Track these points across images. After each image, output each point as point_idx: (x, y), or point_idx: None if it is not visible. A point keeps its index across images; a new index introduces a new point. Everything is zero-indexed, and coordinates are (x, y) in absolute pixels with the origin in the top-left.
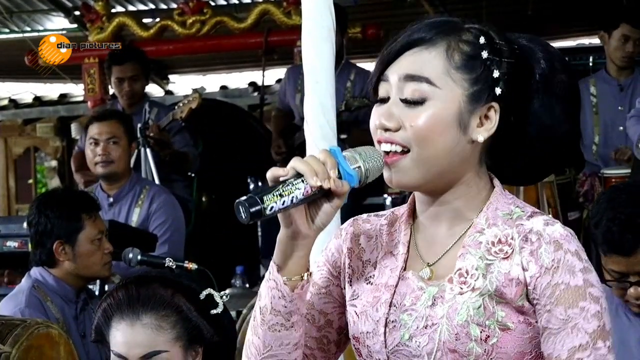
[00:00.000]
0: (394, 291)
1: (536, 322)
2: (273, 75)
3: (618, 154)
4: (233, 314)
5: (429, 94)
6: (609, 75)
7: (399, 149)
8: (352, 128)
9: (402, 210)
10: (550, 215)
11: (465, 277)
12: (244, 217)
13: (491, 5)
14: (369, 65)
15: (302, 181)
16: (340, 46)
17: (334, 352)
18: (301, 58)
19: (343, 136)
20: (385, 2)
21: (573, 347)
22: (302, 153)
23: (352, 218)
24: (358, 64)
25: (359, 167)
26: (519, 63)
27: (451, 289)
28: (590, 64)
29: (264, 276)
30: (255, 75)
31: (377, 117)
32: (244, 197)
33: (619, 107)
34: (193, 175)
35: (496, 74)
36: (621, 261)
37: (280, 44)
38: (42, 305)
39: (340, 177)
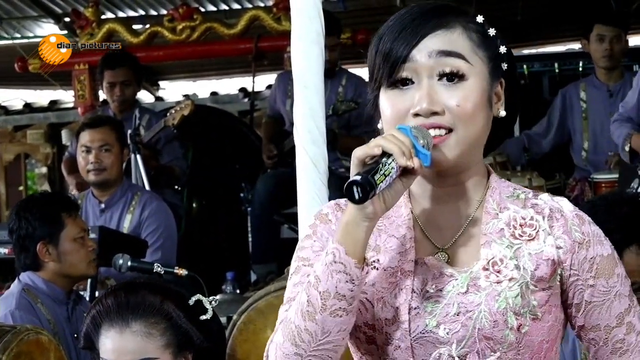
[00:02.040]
0: (413, 277)
1: (556, 305)
2: (263, 81)
3: (609, 163)
4: (223, 319)
5: (467, 71)
6: (598, 81)
7: (443, 132)
8: (342, 133)
9: None
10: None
11: (500, 266)
12: (357, 197)
13: (480, 11)
14: (360, 71)
15: (393, 160)
16: (336, 54)
17: (345, 343)
18: (291, 63)
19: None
20: (374, 7)
21: (620, 313)
22: (292, 158)
23: (333, 202)
24: (349, 70)
25: (425, 144)
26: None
27: (487, 277)
28: (580, 69)
29: (254, 282)
30: (245, 81)
31: (414, 100)
32: (357, 178)
33: (609, 113)
34: (179, 188)
35: (503, 48)
36: None
37: (270, 50)
38: (33, 307)
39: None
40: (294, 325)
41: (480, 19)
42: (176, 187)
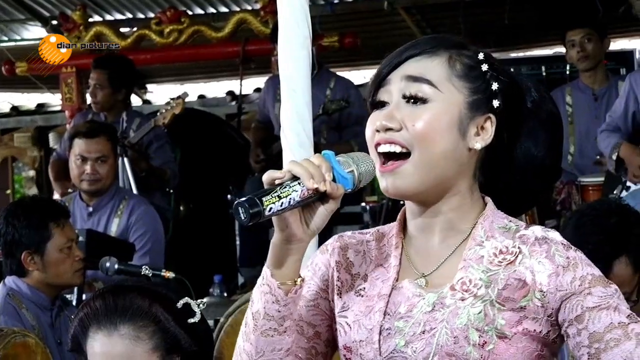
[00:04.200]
0: (388, 300)
1: (535, 330)
2: (251, 85)
3: (603, 164)
4: (211, 322)
5: (431, 96)
6: (583, 84)
7: (398, 149)
8: (333, 133)
9: (390, 226)
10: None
11: (468, 285)
12: (243, 218)
13: (468, 14)
14: (347, 74)
15: (299, 184)
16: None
17: None
18: (278, 67)
19: (323, 140)
20: (362, 11)
21: (617, 321)
22: (280, 161)
23: (337, 235)
24: (337, 73)
25: (352, 171)
26: (513, 85)
27: (452, 295)
28: (567, 72)
29: (242, 285)
30: (232, 85)
31: (376, 119)
32: (243, 199)
33: (594, 118)
34: (171, 191)
35: (495, 86)
36: None
37: (257, 53)
38: (17, 313)
39: (334, 181)
40: (237, 347)
41: (481, 56)
42: (167, 189)
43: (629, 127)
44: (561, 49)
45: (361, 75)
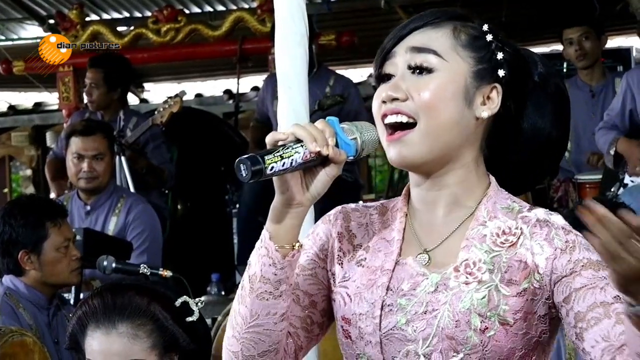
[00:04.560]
0: (391, 275)
1: (534, 312)
2: (248, 83)
3: (591, 161)
4: (208, 321)
5: (436, 65)
6: (581, 81)
7: (404, 119)
8: None
9: (394, 200)
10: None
11: (472, 268)
12: (244, 174)
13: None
14: (344, 72)
15: (302, 146)
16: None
17: (316, 334)
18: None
19: None
20: (359, 9)
21: (602, 301)
22: None
23: (341, 206)
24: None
25: (356, 138)
26: (519, 57)
27: (456, 277)
28: (565, 70)
29: (239, 283)
30: (230, 83)
31: (382, 91)
32: (245, 155)
33: (591, 114)
34: (167, 191)
35: (499, 56)
36: None
37: (254, 52)
38: (15, 312)
39: (337, 146)
40: (232, 310)
41: (485, 27)
42: (164, 189)
43: (626, 125)
44: (558, 47)
45: (358, 74)
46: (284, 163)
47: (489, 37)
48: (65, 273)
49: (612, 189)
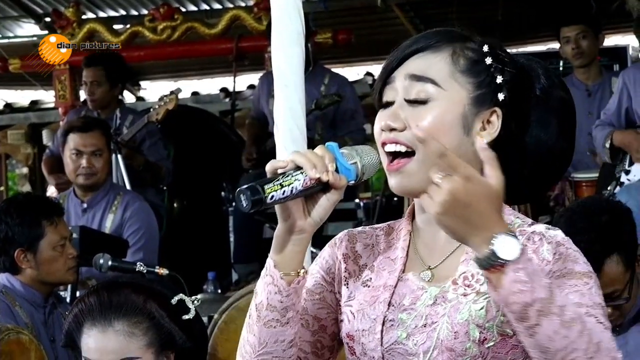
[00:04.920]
0: (393, 291)
1: None
2: (244, 81)
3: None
4: (205, 319)
5: (434, 95)
6: (577, 80)
7: (403, 149)
8: (327, 129)
9: (400, 222)
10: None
11: (470, 281)
12: (244, 205)
13: (461, 11)
14: (340, 71)
15: (302, 173)
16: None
17: (327, 358)
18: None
19: (317, 136)
20: (356, 7)
21: (577, 302)
22: (273, 157)
23: (346, 230)
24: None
25: (356, 162)
26: (521, 74)
27: (454, 289)
28: (561, 69)
29: (236, 282)
30: (226, 81)
31: (382, 119)
32: (245, 186)
33: (588, 114)
34: (164, 188)
35: (499, 79)
36: None
37: (251, 50)
38: (11, 311)
39: (337, 172)
40: (242, 339)
41: (485, 48)
42: (161, 186)
43: (622, 123)
44: (554, 45)
45: (355, 72)
46: (284, 191)
47: (489, 60)
48: (62, 271)
49: (609, 188)
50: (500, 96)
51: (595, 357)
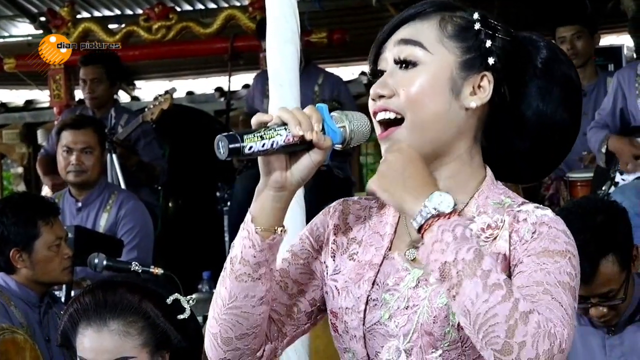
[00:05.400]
0: (378, 270)
1: None
2: (239, 81)
3: (584, 160)
4: (200, 319)
5: (421, 58)
6: None
7: (392, 115)
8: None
9: None
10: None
11: None
12: (222, 152)
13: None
14: (335, 70)
15: (285, 129)
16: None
17: (304, 323)
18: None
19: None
20: (351, 7)
21: (539, 281)
22: None
23: (342, 199)
24: (325, 69)
25: (344, 126)
26: (515, 43)
27: None
28: None
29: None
30: (221, 81)
31: (372, 88)
32: (224, 134)
33: (583, 113)
34: (159, 187)
35: (488, 44)
36: (581, 288)
37: (246, 49)
38: (6, 310)
39: (324, 133)
40: (215, 292)
41: (475, 15)
42: (156, 186)
43: (617, 124)
44: None
45: (350, 72)
46: (264, 144)
47: (477, 26)
48: (57, 271)
49: (604, 187)
50: (491, 60)
51: (519, 327)
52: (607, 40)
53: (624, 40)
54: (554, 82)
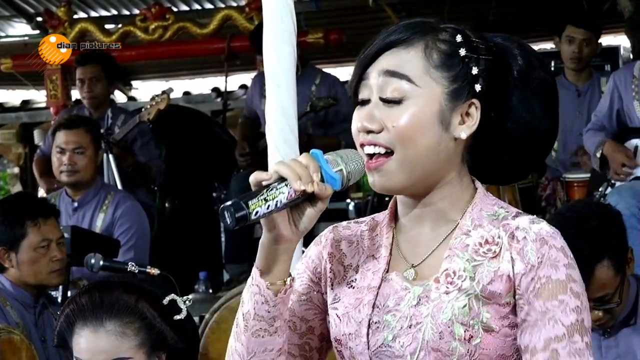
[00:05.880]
0: (377, 292)
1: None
2: (236, 81)
3: (579, 154)
4: (196, 319)
5: (409, 93)
6: (567, 81)
7: (382, 150)
8: (316, 134)
9: (383, 215)
10: (534, 216)
11: (452, 278)
12: (229, 222)
13: (453, 11)
14: (332, 71)
15: (286, 185)
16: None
17: (317, 359)
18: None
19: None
20: (347, 7)
21: (549, 337)
22: (266, 157)
23: (332, 225)
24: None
25: (341, 169)
26: (497, 60)
27: (437, 288)
28: (552, 69)
29: (227, 282)
30: (218, 81)
31: (358, 120)
32: (229, 202)
33: (577, 113)
34: (156, 188)
35: (475, 70)
36: None
37: (242, 50)
38: (2, 310)
39: (323, 181)
40: (229, 347)
41: (458, 38)
42: (153, 186)
43: (613, 125)
44: (545, 46)
45: (346, 72)
46: (268, 206)
47: (463, 52)
48: (43, 274)
49: (600, 189)
50: (477, 87)
51: None
52: (604, 40)
53: (621, 40)
54: (532, 92)
